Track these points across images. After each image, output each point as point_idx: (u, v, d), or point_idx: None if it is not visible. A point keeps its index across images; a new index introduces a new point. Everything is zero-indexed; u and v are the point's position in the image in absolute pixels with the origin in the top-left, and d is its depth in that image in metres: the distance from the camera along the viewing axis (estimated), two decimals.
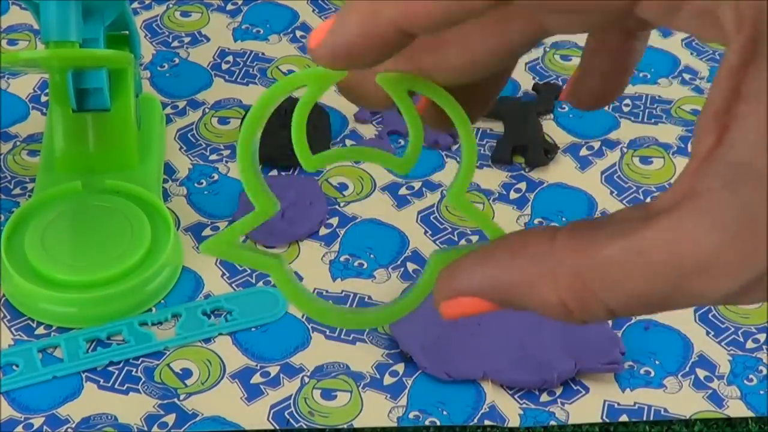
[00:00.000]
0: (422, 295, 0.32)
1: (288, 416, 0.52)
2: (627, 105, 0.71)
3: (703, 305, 0.34)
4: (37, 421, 0.52)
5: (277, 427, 0.52)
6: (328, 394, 0.53)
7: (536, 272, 0.26)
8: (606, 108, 0.71)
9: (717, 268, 0.25)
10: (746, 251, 0.25)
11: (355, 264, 0.60)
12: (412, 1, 0.25)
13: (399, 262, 0.60)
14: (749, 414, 0.53)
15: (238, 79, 0.72)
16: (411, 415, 0.53)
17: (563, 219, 0.63)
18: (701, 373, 0.55)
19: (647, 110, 0.71)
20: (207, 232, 0.62)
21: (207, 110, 0.70)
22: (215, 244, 0.29)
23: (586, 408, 0.53)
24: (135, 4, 0.78)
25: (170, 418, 0.52)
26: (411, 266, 0.60)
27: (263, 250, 0.37)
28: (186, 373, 0.54)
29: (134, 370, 0.54)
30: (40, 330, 0.56)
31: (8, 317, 0.57)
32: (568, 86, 0.31)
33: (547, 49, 0.76)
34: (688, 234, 0.25)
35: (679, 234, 0.25)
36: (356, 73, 0.29)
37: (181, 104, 0.70)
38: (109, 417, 0.52)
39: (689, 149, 0.34)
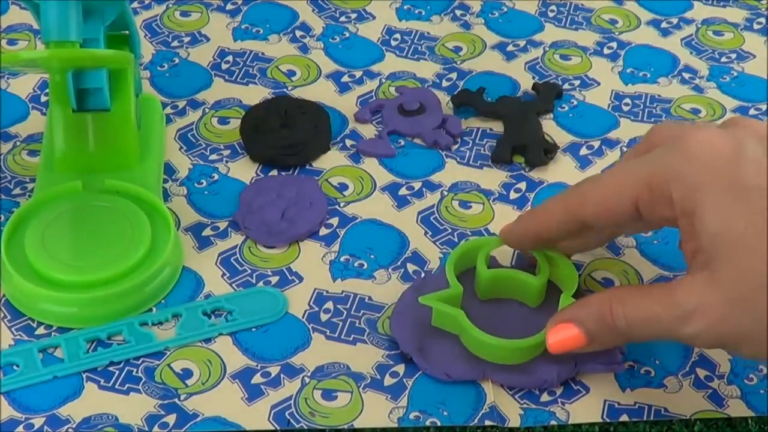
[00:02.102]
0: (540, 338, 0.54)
1: (288, 416, 0.52)
2: (627, 104, 0.71)
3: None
4: (38, 422, 0.52)
5: (278, 428, 0.52)
6: (328, 395, 0.53)
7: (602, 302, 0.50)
8: (606, 107, 0.71)
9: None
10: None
11: (356, 264, 0.60)
12: (544, 224, 0.53)
13: (399, 263, 0.60)
14: (750, 413, 0.53)
15: (238, 79, 0.72)
16: (411, 416, 0.53)
17: None
18: (701, 373, 0.55)
19: (647, 109, 0.71)
20: (207, 232, 0.62)
21: (207, 110, 0.70)
22: (429, 299, 0.54)
23: (587, 408, 0.53)
24: (135, 4, 0.78)
25: (171, 419, 0.52)
26: (411, 267, 0.60)
27: (446, 306, 0.54)
28: (186, 373, 0.54)
29: (135, 370, 0.54)
30: (41, 330, 0.56)
31: (8, 317, 0.57)
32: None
33: (547, 49, 0.76)
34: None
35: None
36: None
37: (181, 104, 0.70)
38: (110, 417, 0.52)
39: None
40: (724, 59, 0.76)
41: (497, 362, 0.53)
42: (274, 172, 0.65)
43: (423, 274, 0.59)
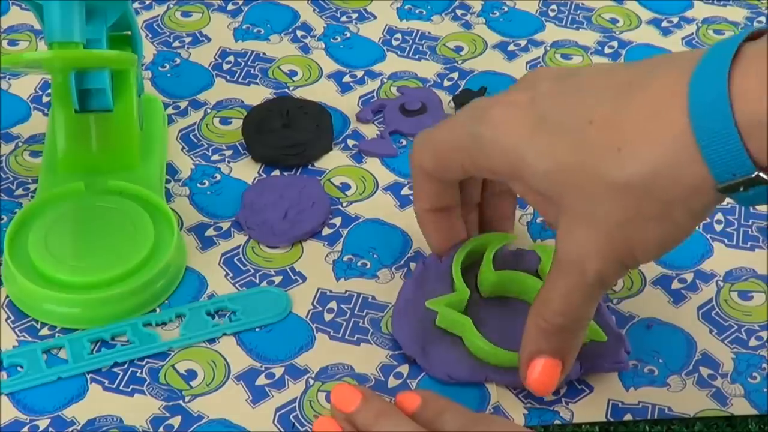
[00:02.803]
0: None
1: (293, 420, 0.52)
2: None
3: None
4: (43, 423, 0.52)
5: (283, 431, 0.52)
6: None
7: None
8: None
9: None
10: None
11: (359, 264, 0.60)
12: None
13: (402, 262, 0.60)
14: (753, 412, 0.53)
15: (240, 79, 0.72)
16: None
17: None
18: (705, 372, 0.55)
19: None
20: (210, 232, 0.62)
21: (209, 110, 0.70)
22: (435, 303, 0.54)
23: (591, 407, 0.53)
24: (135, 5, 0.78)
25: (176, 421, 0.52)
26: (414, 266, 0.60)
27: (454, 312, 0.54)
28: (191, 374, 0.54)
29: (139, 371, 0.54)
30: (45, 331, 0.56)
31: (12, 318, 0.57)
32: None
33: (548, 48, 0.76)
34: None
35: None
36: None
37: (183, 104, 0.70)
38: (115, 419, 0.52)
39: None
40: None
41: (502, 366, 0.54)
42: (276, 173, 0.65)
43: (422, 262, 0.58)
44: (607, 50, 0.76)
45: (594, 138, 0.45)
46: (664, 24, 0.79)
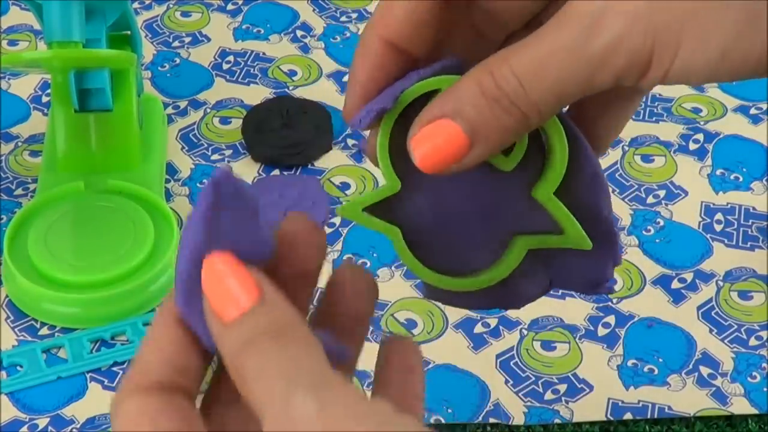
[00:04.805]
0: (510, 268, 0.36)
1: None
2: None
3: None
4: (42, 422, 0.52)
5: None
6: None
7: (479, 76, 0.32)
8: None
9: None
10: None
11: (358, 263, 0.60)
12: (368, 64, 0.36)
13: (402, 261, 0.60)
14: (753, 411, 0.53)
15: (239, 79, 0.72)
16: None
17: None
18: (705, 371, 0.55)
19: (648, 108, 0.71)
20: None
21: (208, 110, 0.70)
22: (349, 208, 0.35)
23: (591, 406, 0.53)
24: (135, 5, 0.78)
25: None
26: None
27: (385, 220, 0.36)
28: None
29: None
30: (44, 330, 0.56)
31: (12, 318, 0.57)
32: None
33: None
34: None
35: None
36: None
37: (183, 104, 0.70)
38: None
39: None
40: None
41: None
42: (276, 172, 0.65)
43: (212, 182, 0.29)
44: None
45: None
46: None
